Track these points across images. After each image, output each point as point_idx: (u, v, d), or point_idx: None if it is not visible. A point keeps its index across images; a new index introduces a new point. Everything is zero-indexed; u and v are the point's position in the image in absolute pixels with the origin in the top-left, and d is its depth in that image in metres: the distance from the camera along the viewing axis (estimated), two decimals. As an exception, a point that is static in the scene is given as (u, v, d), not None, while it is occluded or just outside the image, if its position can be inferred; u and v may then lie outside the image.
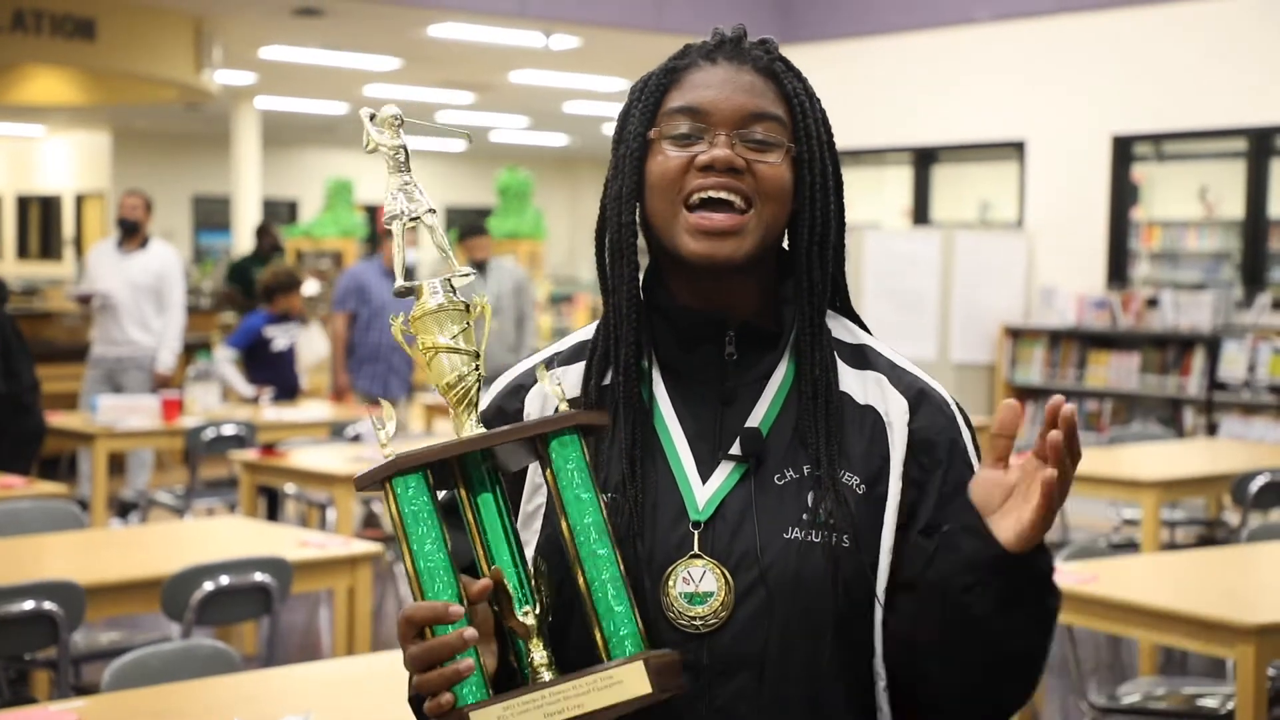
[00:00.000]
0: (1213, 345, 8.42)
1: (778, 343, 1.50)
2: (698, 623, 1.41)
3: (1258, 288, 8.88)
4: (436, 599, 1.33)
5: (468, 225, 8.55)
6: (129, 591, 3.83)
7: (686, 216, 1.44)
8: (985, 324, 9.36)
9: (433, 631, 1.32)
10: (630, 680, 1.31)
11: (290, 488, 6.70)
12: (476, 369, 1.41)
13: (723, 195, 1.44)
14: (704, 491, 1.45)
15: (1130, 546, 5.98)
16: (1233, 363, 8.24)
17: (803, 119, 1.48)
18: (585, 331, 1.57)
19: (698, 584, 1.42)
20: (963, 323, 9.32)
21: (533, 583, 1.37)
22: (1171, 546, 6.37)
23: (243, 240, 14.38)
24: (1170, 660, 5.74)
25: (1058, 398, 1.32)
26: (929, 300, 9.33)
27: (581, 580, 1.35)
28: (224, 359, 7.75)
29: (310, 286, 12.56)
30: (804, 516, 1.43)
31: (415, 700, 1.42)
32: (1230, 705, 3.65)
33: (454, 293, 1.42)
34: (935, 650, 1.41)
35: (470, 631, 1.31)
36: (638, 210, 1.50)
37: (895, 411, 1.48)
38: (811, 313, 1.48)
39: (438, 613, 1.31)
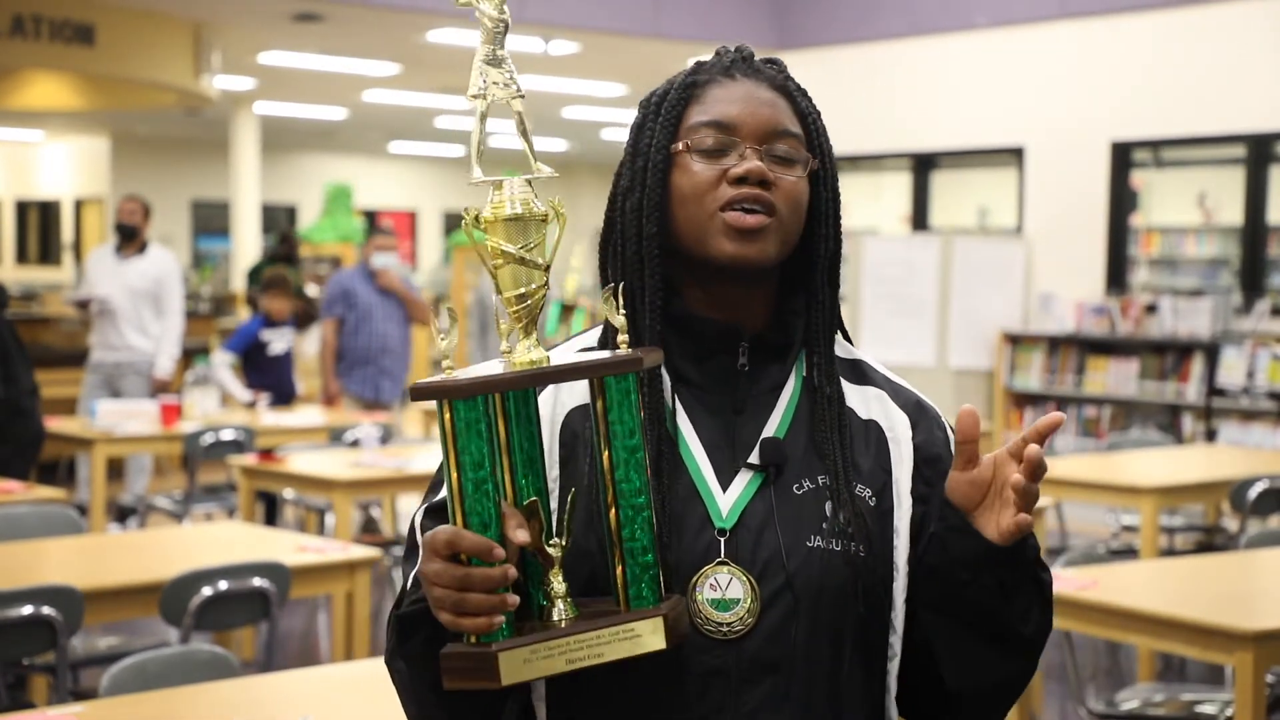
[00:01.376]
0: (1211, 351, 8.43)
1: (787, 355, 1.53)
2: (724, 629, 1.44)
3: (1256, 294, 8.88)
4: (478, 524, 1.31)
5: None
6: (127, 596, 3.83)
7: (722, 217, 1.47)
8: (984, 330, 9.36)
9: (472, 562, 1.30)
10: (647, 634, 1.34)
11: (289, 493, 6.69)
12: (545, 284, 1.36)
13: (755, 206, 1.47)
14: (725, 500, 1.47)
15: (1129, 553, 5.98)
16: (1231, 369, 8.25)
17: (817, 137, 1.53)
18: (587, 338, 1.57)
19: (724, 590, 1.44)
20: (961, 329, 9.32)
21: (567, 516, 1.38)
22: (1170, 553, 6.37)
23: (243, 245, 14.37)
24: (1169, 666, 5.73)
25: (1057, 416, 1.39)
26: (928, 306, 9.33)
27: (614, 517, 1.36)
28: (221, 363, 7.75)
29: (309, 291, 12.55)
30: (824, 525, 1.47)
31: (407, 617, 1.41)
32: (1229, 712, 3.65)
33: (534, 197, 1.36)
34: (945, 644, 1.48)
35: (513, 571, 1.31)
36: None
37: (900, 428, 1.54)
38: (822, 327, 1.52)
39: (482, 550, 1.30)
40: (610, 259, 1.53)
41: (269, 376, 7.76)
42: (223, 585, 3.70)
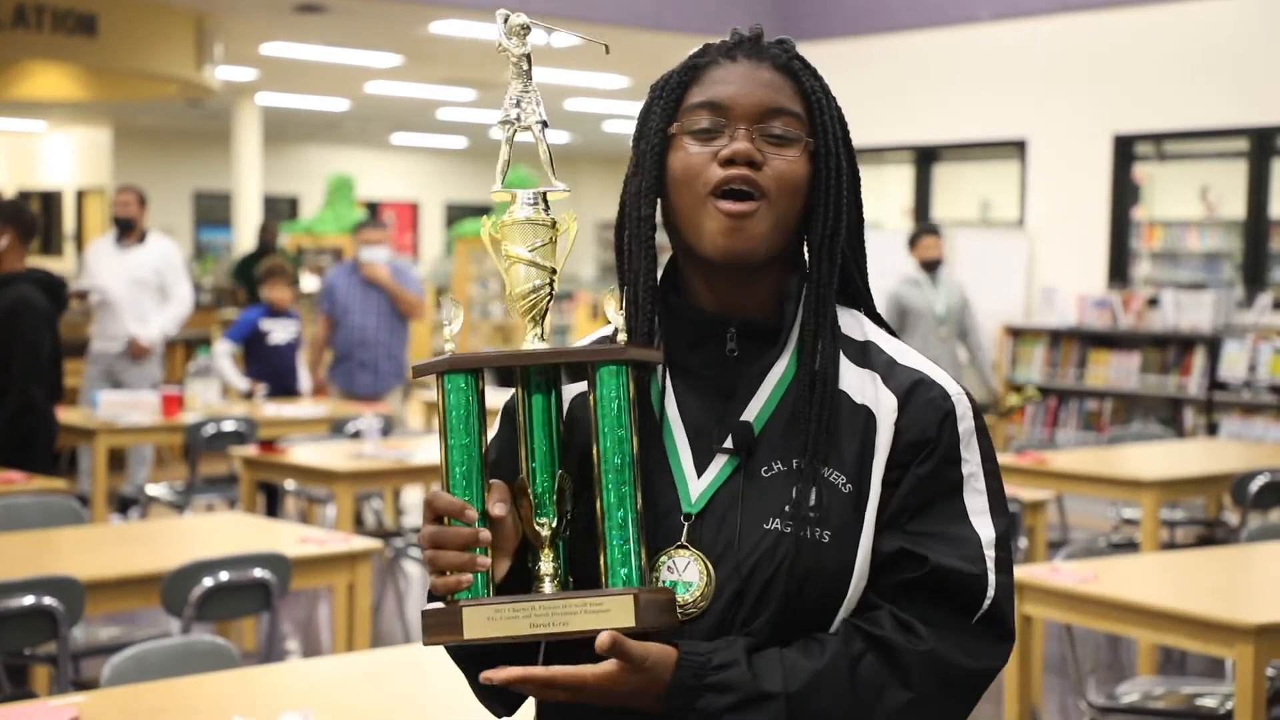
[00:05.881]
0: (1213, 345, 8.43)
1: (778, 339, 1.53)
2: (679, 611, 1.45)
3: (1258, 287, 8.88)
4: (460, 490, 1.41)
5: (920, 226, 8.36)
6: (129, 587, 3.83)
7: (714, 203, 1.48)
8: (986, 323, 9.35)
9: (449, 522, 1.40)
10: (617, 610, 1.37)
11: (290, 484, 6.70)
12: (550, 284, 1.47)
13: (743, 188, 1.48)
14: (698, 485, 1.49)
15: (1130, 546, 5.98)
16: (1233, 363, 8.25)
17: (820, 116, 1.52)
18: (607, 330, 1.60)
19: (681, 573, 1.46)
20: (963, 322, 9.31)
21: (555, 497, 1.44)
22: (1171, 546, 6.37)
23: (244, 237, 14.38)
24: (1169, 660, 5.74)
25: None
26: (929, 299, 9.32)
27: (599, 505, 1.42)
28: (222, 352, 7.76)
29: (310, 283, 12.57)
30: (786, 509, 1.46)
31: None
32: (1229, 705, 3.65)
33: (545, 207, 1.47)
34: None
35: (485, 533, 1.40)
36: (658, 206, 1.54)
37: (884, 410, 1.50)
38: (818, 305, 1.51)
39: (454, 508, 1.40)
40: (619, 242, 1.57)
41: (269, 366, 7.74)
42: (224, 576, 3.70)
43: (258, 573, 3.76)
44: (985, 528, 1.49)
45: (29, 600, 3.46)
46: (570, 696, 1.38)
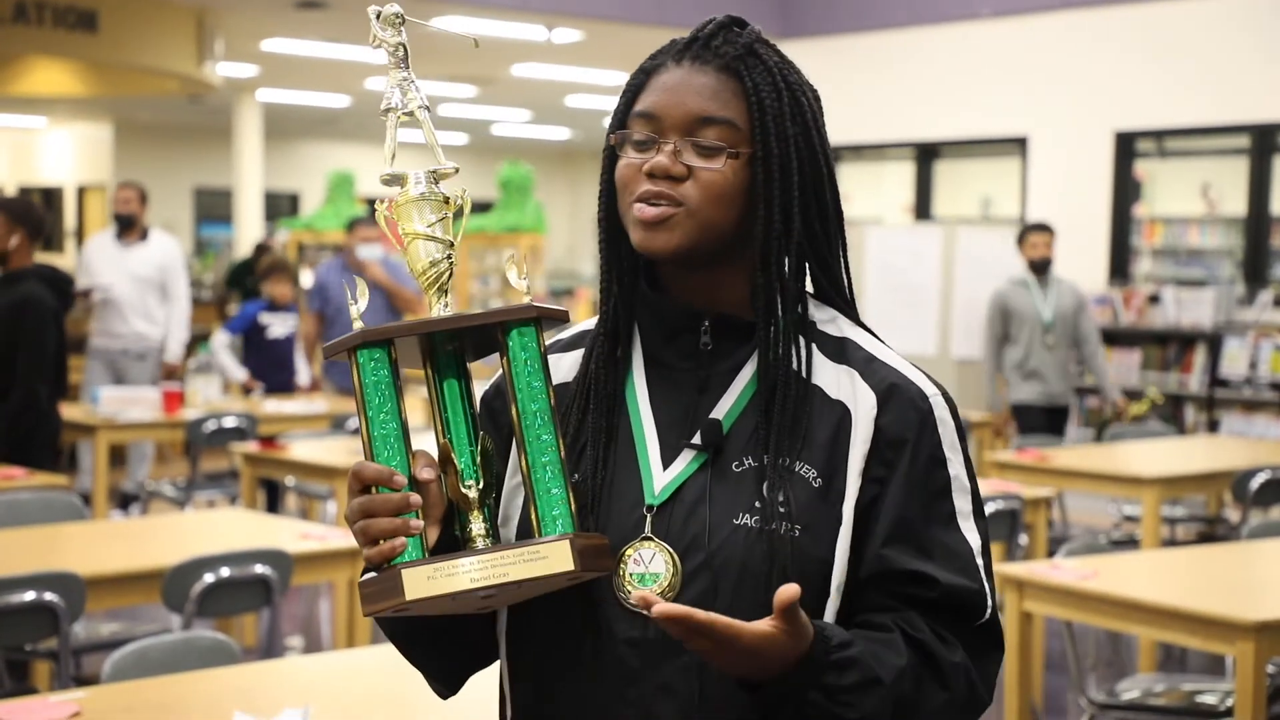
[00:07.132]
0: (1214, 342, 8.42)
1: (752, 334, 1.53)
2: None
3: (1259, 284, 8.88)
4: (384, 461, 1.42)
5: (1028, 223, 7.91)
6: (130, 583, 3.84)
7: (634, 208, 1.51)
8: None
9: (378, 491, 1.41)
10: (555, 556, 1.38)
11: (290, 480, 6.70)
12: (449, 257, 1.50)
13: (661, 203, 1.49)
14: (663, 477, 1.50)
15: (1130, 543, 5.99)
16: (1234, 360, 8.25)
17: (760, 118, 1.49)
18: (589, 322, 1.63)
19: (647, 565, 1.48)
20: (964, 319, 9.30)
21: (479, 460, 1.46)
22: (1172, 543, 6.37)
23: (244, 234, 14.37)
24: (1170, 657, 5.74)
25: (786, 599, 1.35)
26: (930, 296, 9.32)
27: (524, 462, 1.44)
28: (221, 345, 7.79)
29: (309, 279, 12.56)
30: (756, 504, 1.47)
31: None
32: (1229, 702, 3.65)
33: (436, 184, 1.52)
34: None
35: (415, 497, 1.40)
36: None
37: (862, 406, 1.50)
38: (770, 305, 1.51)
39: (383, 475, 1.40)
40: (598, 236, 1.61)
41: (266, 359, 7.77)
42: (225, 572, 3.70)
43: (258, 569, 3.76)
44: (972, 533, 1.51)
45: (30, 596, 3.46)
46: (713, 649, 1.35)
